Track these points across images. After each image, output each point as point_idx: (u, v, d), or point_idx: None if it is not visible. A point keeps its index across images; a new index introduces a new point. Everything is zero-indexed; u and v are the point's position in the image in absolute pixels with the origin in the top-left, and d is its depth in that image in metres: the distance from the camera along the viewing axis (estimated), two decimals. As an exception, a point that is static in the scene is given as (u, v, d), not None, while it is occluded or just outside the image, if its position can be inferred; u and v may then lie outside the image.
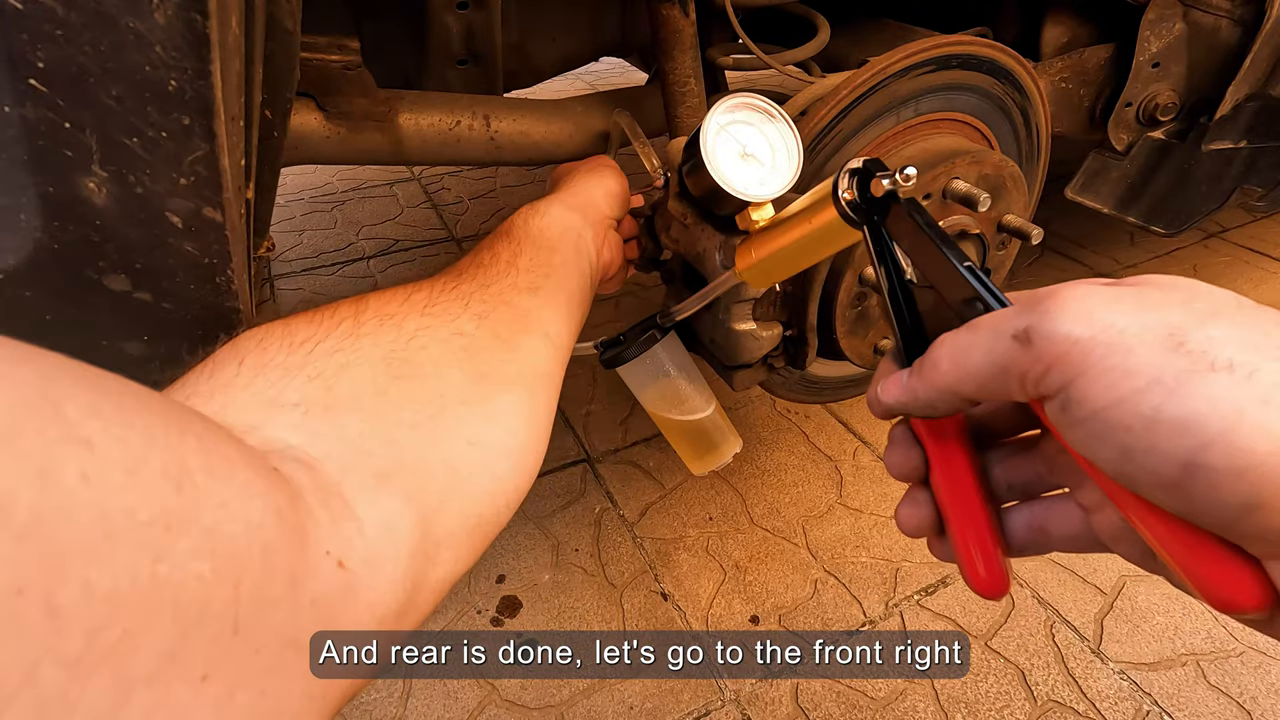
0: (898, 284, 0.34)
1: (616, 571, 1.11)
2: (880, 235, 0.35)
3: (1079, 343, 0.23)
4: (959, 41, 0.71)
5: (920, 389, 0.29)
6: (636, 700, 0.95)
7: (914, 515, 0.33)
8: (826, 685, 0.95)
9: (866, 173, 0.36)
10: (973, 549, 0.31)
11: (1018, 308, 0.26)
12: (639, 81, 1.14)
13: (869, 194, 0.36)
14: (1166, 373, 0.21)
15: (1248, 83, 0.94)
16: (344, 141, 0.80)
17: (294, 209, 2.16)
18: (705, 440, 0.71)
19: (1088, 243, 1.89)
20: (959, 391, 0.28)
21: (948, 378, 0.28)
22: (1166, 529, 0.23)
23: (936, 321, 0.32)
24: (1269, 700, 0.91)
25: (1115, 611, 1.02)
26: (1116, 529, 0.28)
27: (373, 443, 0.31)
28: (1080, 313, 0.23)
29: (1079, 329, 0.23)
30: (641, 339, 0.65)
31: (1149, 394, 0.21)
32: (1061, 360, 0.23)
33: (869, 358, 0.76)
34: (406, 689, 0.97)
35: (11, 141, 0.33)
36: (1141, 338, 0.22)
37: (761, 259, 0.50)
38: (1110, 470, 0.23)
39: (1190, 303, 0.23)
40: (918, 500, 0.33)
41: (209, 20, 0.33)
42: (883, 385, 0.32)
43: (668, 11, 0.75)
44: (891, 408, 0.31)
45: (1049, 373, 0.24)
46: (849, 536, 1.15)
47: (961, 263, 0.30)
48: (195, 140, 0.36)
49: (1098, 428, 0.23)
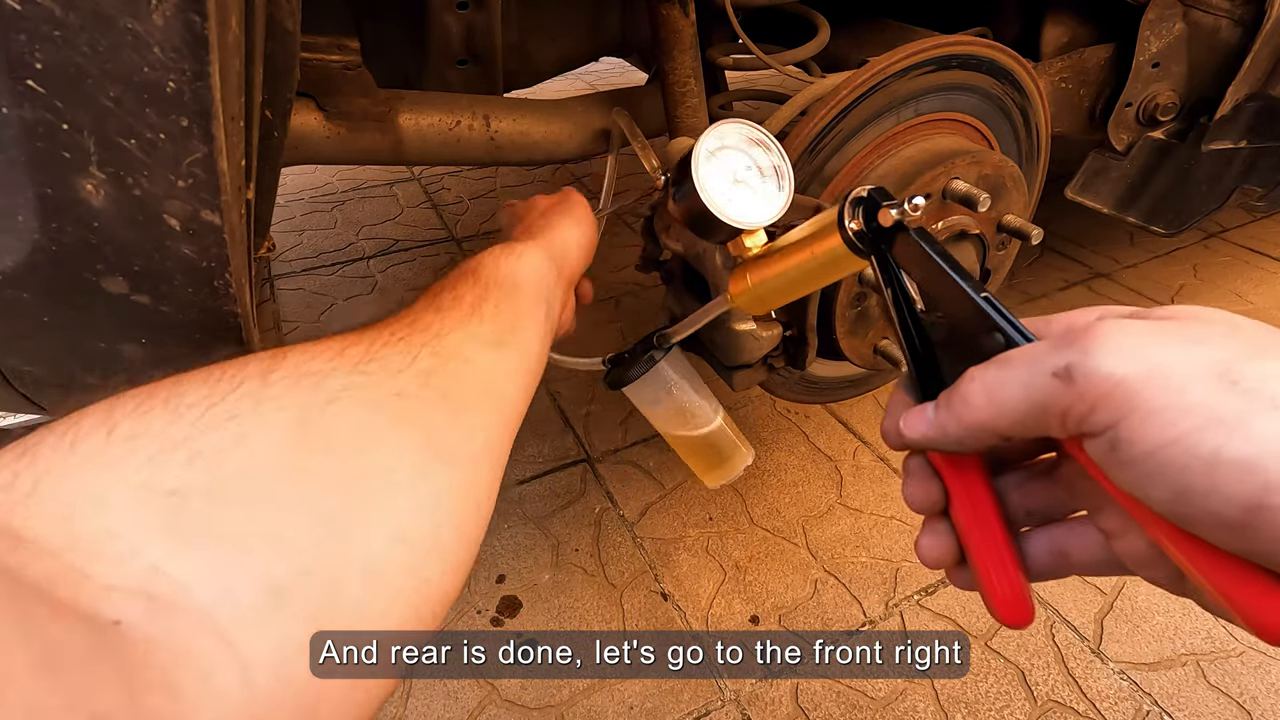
0: (907, 313, 0.33)
1: (616, 571, 1.11)
2: (888, 264, 0.34)
3: (1125, 380, 0.23)
4: (959, 41, 0.71)
5: (950, 425, 0.28)
6: (636, 700, 0.94)
7: (935, 546, 0.32)
8: (826, 685, 0.95)
9: (872, 202, 0.35)
10: (998, 579, 0.30)
11: (1053, 342, 0.25)
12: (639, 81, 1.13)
13: (875, 223, 0.35)
14: (1225, 412, 0.21)
15: (1248, 83, 0.94)
16: (344, 141, 0.80)
17: (294, 209, 2.16)
18: (715, 453, 0.71)
19: (1087, 243, 1.89)
20: (993, 427, 0.27)
21: (981, 414, 0.27)
22: (1213, 563, 0.23)
23: (949, 351, 0.31)
24: (1269, 700, 0.91)
25: (1115, 611, 1.02)
26: (1141, 554, 0.28)
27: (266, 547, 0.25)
28: (1125, 349, 0.23)
29: (1125, 366, 0.23)
30: (643, 359, 0.64)
31: (1209, 434, 0.21)
32: (1108, 399, 0.23)
33: (869, 358, 0.76)
34: (406, 689, 0.97)
35: (9, 143, 0.33)
36: (1192, 375, 0.22)
37: (757, 286, 0.50)
38: (1163, 509, 0.23)
39: (1233, 337, 0.23)
40: (938, 531, 0.32)
41: (207, 21, 0.33)
42: (905, 420, 0.31)
43: (668, 11, 0.74)
44: (917, 443, 0.30)
45: (1094, 411, 0.23)
46: (849, 536, 1.15)
47: (979, 293, 0.29)
48: (193, 142, 0.36)
49: (1150, 468, 0.22)
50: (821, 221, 0.40)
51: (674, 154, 0.72)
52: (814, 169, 0.72)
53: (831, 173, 0.72)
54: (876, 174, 0.72)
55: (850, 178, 0.73)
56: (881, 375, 0.94)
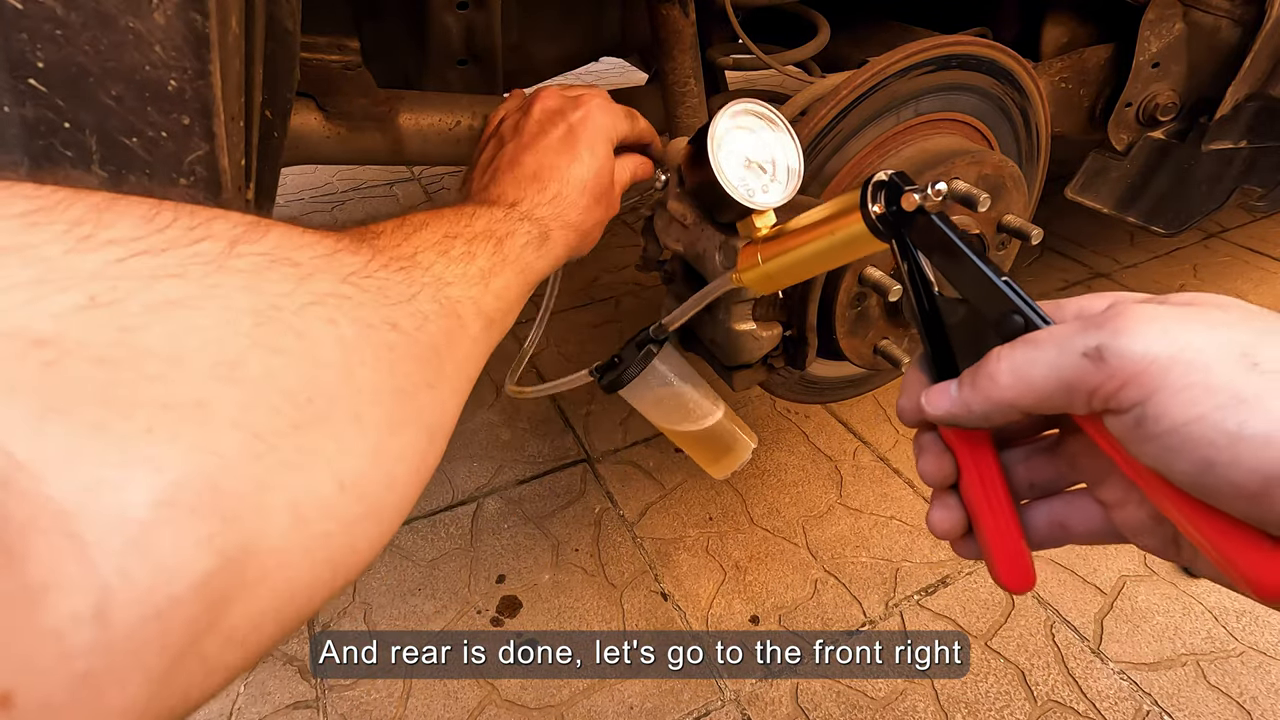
0: (924, 296, 0.35)
1: (616, 571, 1.11)
2: (907, 246, 0.36)
3: (1156, 360, 0.24)
4: (959, 42, 0.71)
5: (975, 402, 0.30)
6: (636, 700, 0.95)
7: (946, 519, 0.34)
8: (826, 685, 0.95)
9: (894, 186, 0.37)
10: (1005, 548, 0.32)
11: (1080, 324, 0.27)
12: (639, 81, 1.14)
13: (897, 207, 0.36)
14: (1247, 390, 0.23)
15: (1248, 83, 0.94)
16: (344, 141, 0.80)
17: (294, 209, 2.17)
18: (720, 444, 0.71)
19: (1087, 243, 1.89)
20: (1019, 404, 0.28)
21: (1009, 392, 0.28)
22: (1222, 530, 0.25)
23: (964, 331, 0.33)
24: (1269, 700, 0.91)
25: (1115, 611, 1.02)
26: (1140, 523, 0.30)
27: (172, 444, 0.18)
28: (1156, 332, 0.25)
29: (1157, 347, 0.24)
30: (640, 356, 0.63)
31: (1232, 411, 0.23)
32: (1138, 377, 0.24)
33: (869, 358, 0.76)
34: (406, 689, 0.97)
35: (11, 141, 0.33)
36: (1217, 357, 0.23)
37: (769, 264, 0.50)
38: (1184, 481, 0.24)
39: (1249, 321, 0.25)
40: (949, 504, 0.34)
41: (209, 20, 0.33)
42: (928, 396, 0.32)
43: (668, 11, 0.75)
44: (940, 419, 0.32)
45: (1123, 389, 0.25)
46: (849, 536, 1.15)
47: (999, 276, 0.31)
48: (195, 140, 0.36)
49: (1175, 442, 0.24)
50: (841, 204, 0.41)
51: (674, 154, 0.72)
52: (814, 169, 0.72)
53: (831, 172, 0.72)
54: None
55: (850, 177, 0.73)
56: (881, 375, 0.94)
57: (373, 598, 1.09)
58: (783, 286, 0.53)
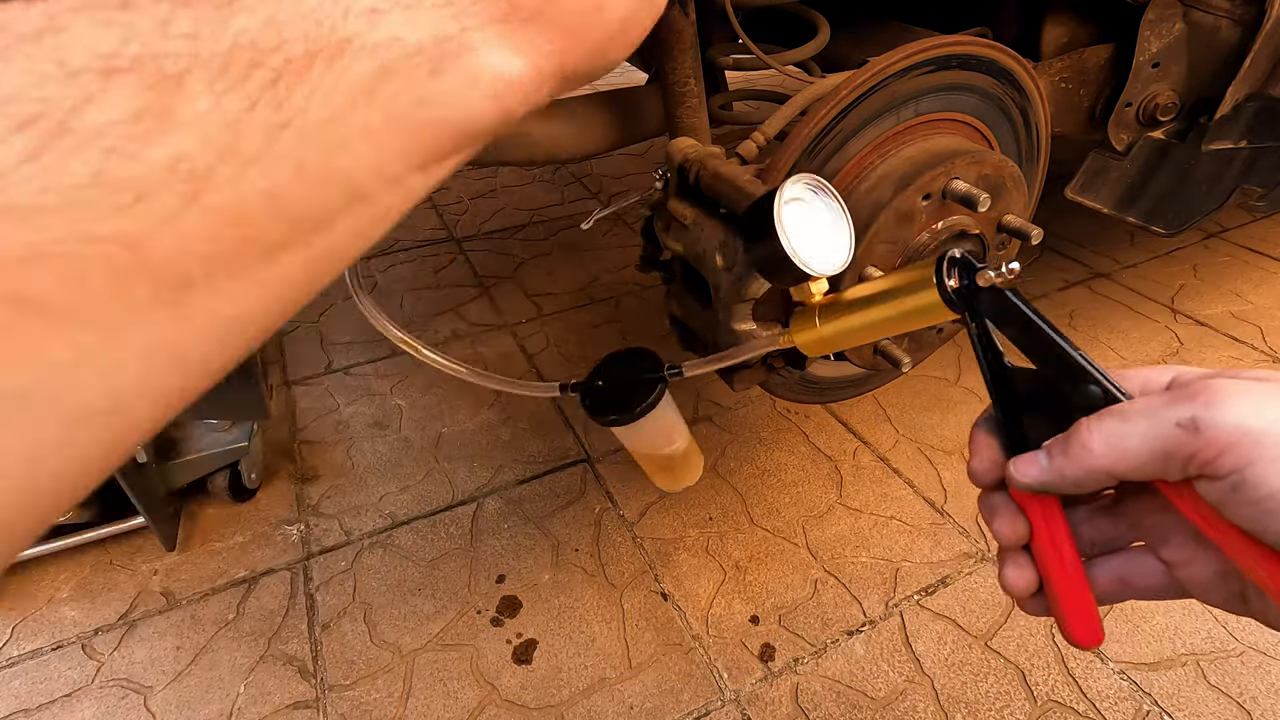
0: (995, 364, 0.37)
1: (616, 571, 1.11)
2: (980, 318, 0.38)
3: (1250, 432, 0.27)
4: (959, 42, 0.71)
5: (1069, 470, 0.32)
6: (636, 700, 0.95)
7: (1020, 577, 0.36)
8: (826, 685, 0.95)
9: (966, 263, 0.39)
10: (1077, 606, 0.34)
11: (1170, 396, 0.29)
12: (639, 81, 1.13)
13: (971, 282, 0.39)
14: None
15: (1248, 83, 0.94)
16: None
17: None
18: (684, 464, 0.73)
19: (1087, 243, 1.89)
20: (1114, 471, 0.30)
21: (1103, 460, 0.30)
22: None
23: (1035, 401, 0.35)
24: (1269, 700, 0.91)
25: (1115, 611, 1.02)
26: (1205, 580, 0.33)
27: None
28: (1249, 406, 0.28)
29: (1250, 419, 0.27)
30: (655, 392, 0.61)
31: None
32: (1234, 447, 0.27)
33: (869, 358, 0.76)
34: (406, 689, 0.97)
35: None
36: None
37: (826, 330, 0.52)
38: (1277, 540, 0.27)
39: None
40: (1021, 564, 0.36)
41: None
42: (1016, 465, 0.34)
43: (667, 11, 0.75)
44: (1031, 486, 0.34)
45: (1220, 456, 0.27)
46: (849, 536, 1.15)
47: (1074, 349, 0.33)
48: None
49: (1273, 505, 0.27)
50: (910, 276, 0.43)
51: (674, 153, 0.72)
52: (814, 169, 0.72)
53: (832, 172, 0.72)
54: (877, 174, 0.72)
55: (850, 177, 0.73)
56: (881, 375, 0.94)
57: (373, 598, 1.09)
58: (836, 350, 0.55)
